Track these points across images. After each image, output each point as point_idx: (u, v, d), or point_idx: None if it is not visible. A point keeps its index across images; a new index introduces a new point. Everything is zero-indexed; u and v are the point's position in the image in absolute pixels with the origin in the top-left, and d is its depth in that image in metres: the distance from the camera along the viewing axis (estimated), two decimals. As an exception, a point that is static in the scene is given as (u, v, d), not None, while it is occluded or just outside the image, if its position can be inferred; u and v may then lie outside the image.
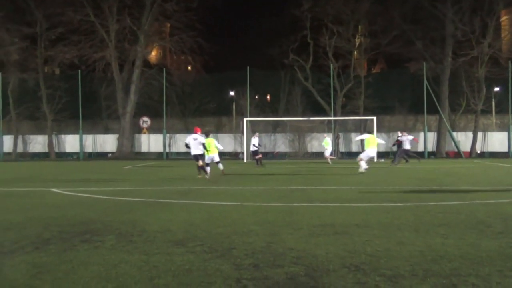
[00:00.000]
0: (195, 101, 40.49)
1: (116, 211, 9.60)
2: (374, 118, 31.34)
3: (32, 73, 38.49)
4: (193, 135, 16.69)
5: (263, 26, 48.90)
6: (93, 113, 39.07)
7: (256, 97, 41.28)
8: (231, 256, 5.85)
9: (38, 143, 38.86)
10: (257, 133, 26.82)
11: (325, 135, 28.38)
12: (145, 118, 38.32)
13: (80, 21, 36.81)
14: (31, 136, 38.94)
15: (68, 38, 37.48)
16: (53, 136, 38.51)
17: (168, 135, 37.20)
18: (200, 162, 16.38)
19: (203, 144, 16.36)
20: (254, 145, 25.06)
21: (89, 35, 37.70)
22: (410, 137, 26.08)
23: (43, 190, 13.81)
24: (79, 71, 37.08)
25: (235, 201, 10.99)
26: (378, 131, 31.96)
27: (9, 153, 38.34)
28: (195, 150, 16.39)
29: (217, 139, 36.89)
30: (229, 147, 37.01)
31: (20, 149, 39.19)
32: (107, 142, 38.72)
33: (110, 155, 37.83)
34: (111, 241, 6.81)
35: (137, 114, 38.59)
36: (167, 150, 37.11)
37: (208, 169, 16.48)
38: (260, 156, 25.21)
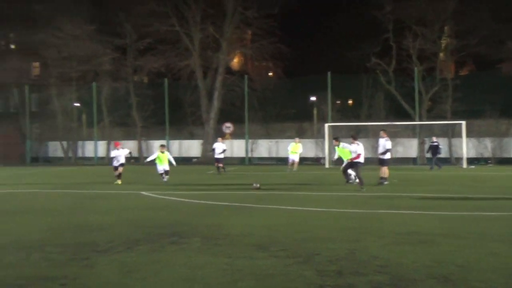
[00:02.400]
0: (276, 106, 40.71)
1: (201, 214, 9.88)
2: (463, 122, 29.89)
3: (123, 82, 40.50)
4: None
5: (343, 30, 48.17)
6: (178, 120, 40.41)
7: (338, 102, 40.81)
8: (314, 262, 5.83)
9: (128, 148, 40.79)
10: (220, 138, 25.32)
11: (297, 139, 26.58)
12: (228, 124, 39.06)
13: (166, 31, 38.25)
14: (122, 142, 40.97)
15: (155, 48, 39.09)
16: (142, 141, 40.27)
17: (250, 140, 37.70)
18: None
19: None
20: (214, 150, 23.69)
21: (175, 45, 39.07)
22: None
23: (133, 193, 14.49)
24: (166, 79, 38.56)
25: (317, 206, 10.93)
26: (467, 136, 30.45)
27: (103, 158, 40.60)
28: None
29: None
30: (311, 153, 36.84)
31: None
32: (192, 147, 39.87)
33: (195, 160, 38.94)
34: (197, 243, 7.02)
35: (220, 120, 39.45)
36: (249, 155, 37.59)
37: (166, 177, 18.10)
38: (221, 164, 23.53)
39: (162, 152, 18.46)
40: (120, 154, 18.84)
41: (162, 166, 18.30)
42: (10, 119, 44.32)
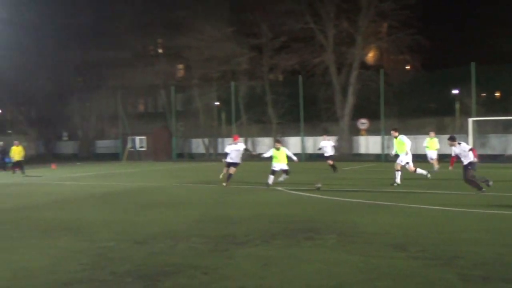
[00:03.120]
0: (414, 101, 39.00)
1: (336, 211, 9.85)
2: None
3: (259, 80, 41.73)
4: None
5: (490, 17, 44.59)
6: (313, 116, 40.56)
7: (483, 94, 37.91)
8: (456, 265, 5.52)
9: (264, 144, 41.89)
10: (325, 136, 24.07)
11: (432, 133, 23.16)
12: (363, 120, 38.32)
13: (301, 29, 38.54)
14: (259, 139, 42.26)
15: (290, 46, 39.61)
16: (278, 138, 41.10)
17: (386, 136, 36.65)
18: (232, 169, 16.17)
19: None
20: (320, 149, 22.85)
21: (309, 42, 39.21)
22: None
23: (270, 188, 14.89)
24: (300, 76, 38.93)
25: (460, 206, 10.26)
26: None
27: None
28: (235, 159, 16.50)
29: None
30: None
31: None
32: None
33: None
34: (332, 240, 7.03)
35: (355, 116, 38.86)
36: (385, 151, 36.56)
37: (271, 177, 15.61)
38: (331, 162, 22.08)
39: (278, 149, 16.19)
40: (236, 148, 17.13)
41: (279, 165, 16.09)
42: (158, 118, 48.24)
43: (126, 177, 21.11)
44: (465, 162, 12.51)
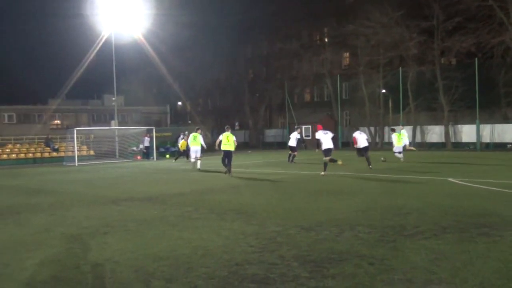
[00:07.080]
0: None
1: (516, 206, 8.98)
2: None
3: (429, 65, 39.56)
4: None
5: None
6: (490, 102, 37.27)
7: None
8: None
9: (435, 133, 39.80)
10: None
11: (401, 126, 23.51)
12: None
13: (477, 7, 35.58)
14: (429, 127, 40.23)
15: (465, 27, 36.78)
16: (450, 126, 38.73)
17: None
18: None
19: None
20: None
21: (487, 21, 36.03)
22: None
23: (440, 179, 14.13)
24: (476, 59, 36.01)
25: None
26: None
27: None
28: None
29: None
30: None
31: (418, 139, 40.99)
32: (507, 132, 36.24)
33: (510, 145, 35.41)
34: (511, 237, 6.44)
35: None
36: None
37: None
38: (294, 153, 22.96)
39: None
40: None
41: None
42: (324, 107, 48.64)
43: (297, 166, 21.73)
44: None
